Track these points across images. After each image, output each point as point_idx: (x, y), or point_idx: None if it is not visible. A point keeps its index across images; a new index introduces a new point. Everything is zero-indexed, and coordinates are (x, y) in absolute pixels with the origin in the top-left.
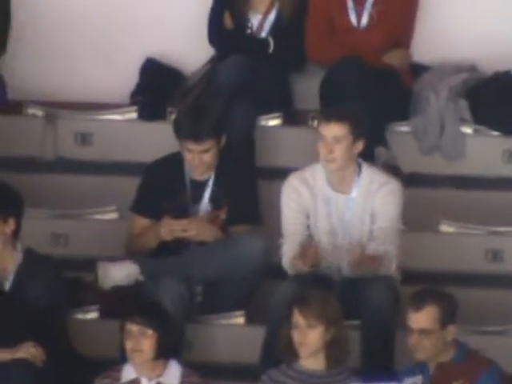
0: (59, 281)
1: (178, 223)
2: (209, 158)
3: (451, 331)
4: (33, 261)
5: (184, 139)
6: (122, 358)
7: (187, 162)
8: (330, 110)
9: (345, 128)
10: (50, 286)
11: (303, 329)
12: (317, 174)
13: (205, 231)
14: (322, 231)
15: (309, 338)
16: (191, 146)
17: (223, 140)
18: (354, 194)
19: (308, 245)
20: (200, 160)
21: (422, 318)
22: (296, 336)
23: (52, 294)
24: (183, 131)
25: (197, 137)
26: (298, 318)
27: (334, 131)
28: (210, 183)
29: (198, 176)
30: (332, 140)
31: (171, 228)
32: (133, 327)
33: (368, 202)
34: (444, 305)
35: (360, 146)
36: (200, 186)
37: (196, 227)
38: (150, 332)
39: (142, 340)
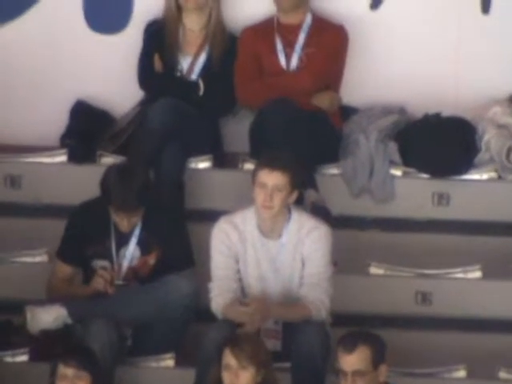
0: None
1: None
2: (136, 219)
3: (383, 371)
4: None
5: (113, 209)
6: None
7: (114, 219)
8: (273, 158)
9: (286, 177)
10: None
11: (235, 370)
12: (247, 219)
13: None
14: (252, 277)
15: (240, 380)
16: (121, 215)
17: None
18: (284, 239)
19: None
20: (128, 222)
21: (355, 360)
22: (227, 378)
23: None
24: (112, 203)
25: (127, 211)
26: (229, 359)
27: (277, 180)
28: (138, 227)
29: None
30: (273, 188)
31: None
32: (67, 370)
33: (298, 248)
34: (374, 345)
35: (295, 195)
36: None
37: None
38: (84, 375)
39: (77, 383)
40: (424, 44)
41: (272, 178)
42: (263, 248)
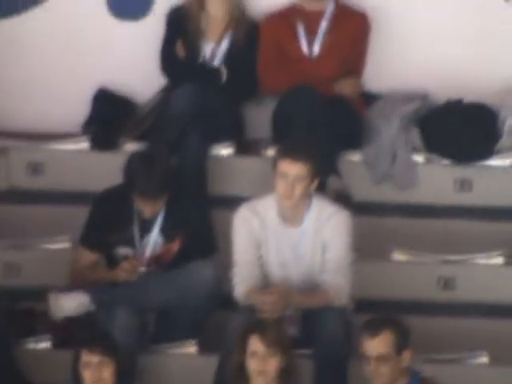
0: None
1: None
2: (159, 206)
3: (407, 356)
4: None
5: (137, 195)
6: None
7: (137, 206)
8: (294, 148)
9: (308, 167)
10: None
11: (263, 356)
12: (268, 206)
13: None
14: (273, 263)
15: (269, 366)
16: (145, 201)
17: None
18: (305, 226)
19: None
20: (152, 208)
21: (378, 344)
22: (255, 364)
23: None
24: (136, 189)
25: (151, 196)
26: (257, 346)
27: (298, 170)
28: (161, 214)
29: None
30: (294, 178)
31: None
32: (92, 358)
33: (318, 234)
34: (398, 330)
35: (315, 184)
36: (148, 218)
37: None
38: (109, 361)
39: (102, 370)
40: (446, 30)
41: (293, 169)
42: (284, 235)
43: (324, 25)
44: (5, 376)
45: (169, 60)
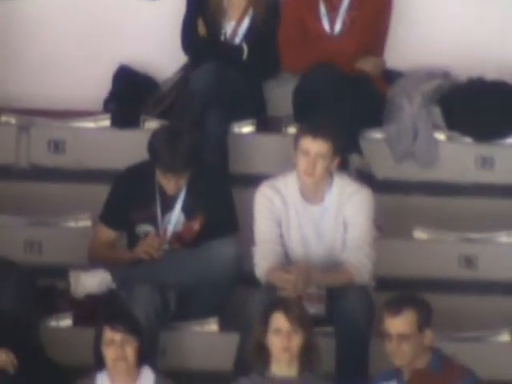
0: (27, 286)
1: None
2: (183, 182)
3: (428, 335)
4: None
5: (161, 170)
6: (96, 366)
7: (161, 182)
8: (316, 125)
9: (329, 145)
10: (17, 291)
11: (288, 333)
12: (289, 184)
13: None
14: (295, 240)
15: (293, 343)
16: (169, 176)
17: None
18: (327, 204)
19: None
20: (176, 184)
21: (400, 323)
22: (279, 341)
23: (20, 300)
24: (161, 164)
25: (176, 171)
26: (282, 323)
27: (320, 148)
28: (183, 192)
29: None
30: (315, 155)
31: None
32: (115, 335)
33: (340, 211)
34: (420, 308)
35: (336, 161)
36: (171, 195)
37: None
38: (132, 339)
39: (125, 347)
40: (468, 7)
41: (315, 146)
42: (305, 212)
43: (346, 2)
44: (28, 353)
45: (190, 38)
